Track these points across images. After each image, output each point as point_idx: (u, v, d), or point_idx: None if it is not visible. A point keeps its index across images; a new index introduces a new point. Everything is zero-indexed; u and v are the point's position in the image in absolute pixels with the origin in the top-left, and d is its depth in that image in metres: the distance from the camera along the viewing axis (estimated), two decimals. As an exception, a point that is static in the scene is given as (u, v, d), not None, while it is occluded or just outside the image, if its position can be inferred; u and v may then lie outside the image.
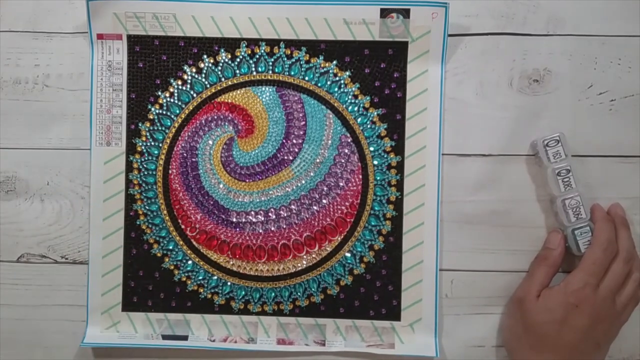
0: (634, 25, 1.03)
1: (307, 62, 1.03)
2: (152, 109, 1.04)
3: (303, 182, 1.04)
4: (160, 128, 1.04)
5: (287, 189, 1.04)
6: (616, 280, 0.97)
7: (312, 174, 1.04)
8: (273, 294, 1.05)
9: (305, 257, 1.05)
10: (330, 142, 1.03)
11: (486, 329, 1.06)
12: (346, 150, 1.03)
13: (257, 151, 1.04)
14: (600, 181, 1.04)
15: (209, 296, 1.05)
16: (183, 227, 1.05)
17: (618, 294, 0.97)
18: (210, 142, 1.04)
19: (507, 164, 1.04)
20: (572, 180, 1.00)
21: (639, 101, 1.03)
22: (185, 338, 1.05)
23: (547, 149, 1.00)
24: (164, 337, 1.05)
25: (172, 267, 1.05)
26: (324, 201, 1.04)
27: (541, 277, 1.00)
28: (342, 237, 1.04)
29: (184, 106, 1.04)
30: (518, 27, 1.04)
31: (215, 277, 1.05)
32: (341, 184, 1.04)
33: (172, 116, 1.04)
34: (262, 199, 1.04)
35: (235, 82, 1.04)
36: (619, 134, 1.04)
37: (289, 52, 1.03)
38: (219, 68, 1.03)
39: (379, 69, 1.03)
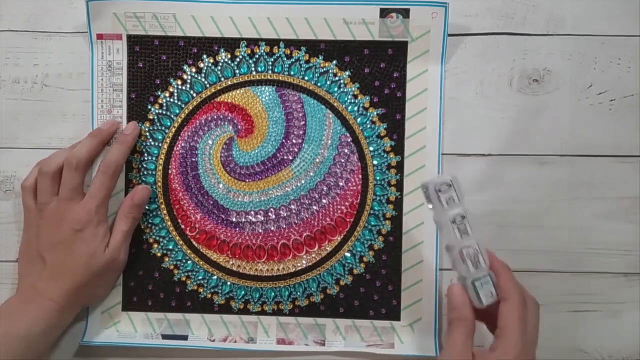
0: (634, 25, 1.03)
1: (307, 62, 1.03)
2: (152, 109, 1.04)
3: (303, 182, 1.04)
4: (160, 128, 1.04)
5: (287, 189, 1.04)
6: (536, 330, 0.91)
7: (312, 174, 1.04)
8: (273, 294, 1.05)
9: (305, 257, 1.05)
10: (330, 142, 1.04)
11: (486, 329, 1.05)
12: (346, 151, 1.03)
13: (257, 151, 1.04)
14: (600, 181, 1.04)
15: (209, 296, 1.06)
16: (183, 227, 1.05)
17: None
18: (210, 142, 1.04)
19: (507, 164, 1.04)
20: (468, 227, 0.93)
21: (639, 101, 1.04)
22: (185, 338, 1.05)
23: (439, 195, 0.93)
24: (164, 337, 1.05)
25: (172, 267, 1.06)
26: (324, 201, 1.04)
27: (463, 337, 0.89)
28: (342, 237, 1.04)
29: (184, 106, 1.04)
30: (518, 27, 1.04)
31: (215, 277, 1.05)
32: (341, 184, 1.04)
33: (172, 116, 1.04)
34: (262, 199, 1.04)
35: (235, 82, 1.04)
36: (619, 134, 1.04)
37: (288, 52, 1.03)
38: (219, 68, 1.03)
39: (379, 69, 1.03)
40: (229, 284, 1.05)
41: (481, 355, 0.88)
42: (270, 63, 1.03)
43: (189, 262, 1.05)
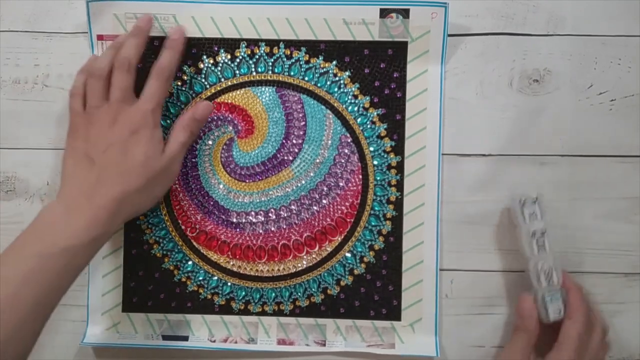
0: (634, 25, 1.03)
1: (307, 62, 1.03)
2: (152, 110, 1.04)
3: (303, 182, 1.04)
4: (160, 128, 1.04)
5: (287, 189, 1.04)
6: (596, 355, 0.97)
7: (312, 174, 1.04)
8: (273, 294, 1.05)
9: (305, 257, 1.05)
10: (330, 142, 1.04)
11: (486, 329, 1.06)
12: (346, 151, 1.03)
13: (257, 151, 1.04)
14: (600, 181, 1.04)
15: (209, 296, 1.06)
16: (183, 227, 1.05)
17: None
18: (210, 142, 1.04)
19: (507, 164, 1.04)
20: (546, 243, 0.99)
21: (639, 101, 1.03)
22: (185, 338, 1.05)
23: (523, 209, 0.99)
24: (165, 338, 1.05)
25: (172, 268, 1.06)
26: (324, 201, 1.04)
27: (523, 345, 0.98)
28: (342, 237, 1.04)
29: (183, 107, 1.04)
30: (518, 27, 1.04)
31: (216, 278, 1.05)
32: (341, 184, 1.04)
33: (172, 117, 1.04)
34: (262, 199, 1.04)
35: (234, 82, 1.04)
36: (619, 134, 1.04)
37: (288, 52, 1.03)
38: (219, 68, 1.03)
39: (378, 69, 1.03)
40: (229, 284, 1.05)
41: None
42: (270, 63, 1.03)
43: (189, 263, 1.05)
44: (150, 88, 0.96)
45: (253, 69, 1.03)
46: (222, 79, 1.04)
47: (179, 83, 1.04)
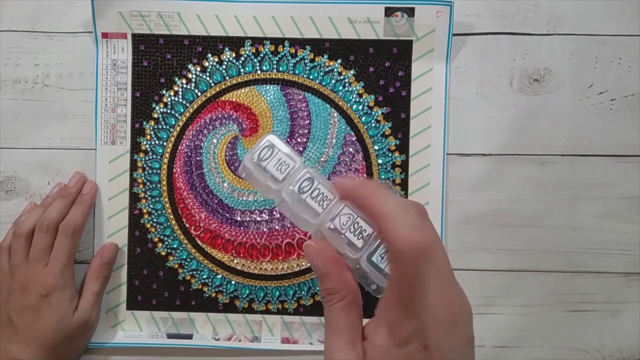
0: (634, 24, 1.04)
1: (312, 60, 1.03)
2: (157, 108, 1.04)
3: (307, 181, 1.04)
4: (164, 127, 1.04)
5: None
6: None
7: (316, 172, 1.04)
8: (277, 293, 1.05)
9: (309, 255, 1.04)
10: (334, 141, 1.04)
11: (486, 329, 1.06)
12: (351, 149, 1.04)
13: (261, 150, 1.04)
14: (600, 181, 1.05)
15: (213, 295, 1.05)
16: (187, 225, 1.05)
17: None
18: (215, 140, 1.04)
19: (507, 163, 1.05)
20: (324, 190, 0.66)
21: (639, 101, 1.04)
22: (189, 337, 1.05)
23: (263, 163, 0.68)
24: (169, 336, 1.05)
25: (176, 266, 1.05)
26: (329, 200, 1.04)
27: (352, 321, 0.69)
28: (346, 235, 1.04)
29: (188, 105, 1.04)
30: (518, 26, 1.04)
31: (220, 276, 1.05)
32: (345, 182, 1.03)
33: (177, 115, 1.04)
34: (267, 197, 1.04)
35: (239, 80, 1.04)
36: (619, 134, 1.05)
37: (293, 50, 1.03)
38: (224, 67, 1.03)
39: (383, 67, 1.03)
40: (233, 282, 1.05)
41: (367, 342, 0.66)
42: (275, 62, 1.03)
43: (193, 261, 1.05)
44: (57, 247, 1.00)
45: (258, 67, 1.03)
46: (227, 77, 1.04)
47: (184, 81, 1.04)
